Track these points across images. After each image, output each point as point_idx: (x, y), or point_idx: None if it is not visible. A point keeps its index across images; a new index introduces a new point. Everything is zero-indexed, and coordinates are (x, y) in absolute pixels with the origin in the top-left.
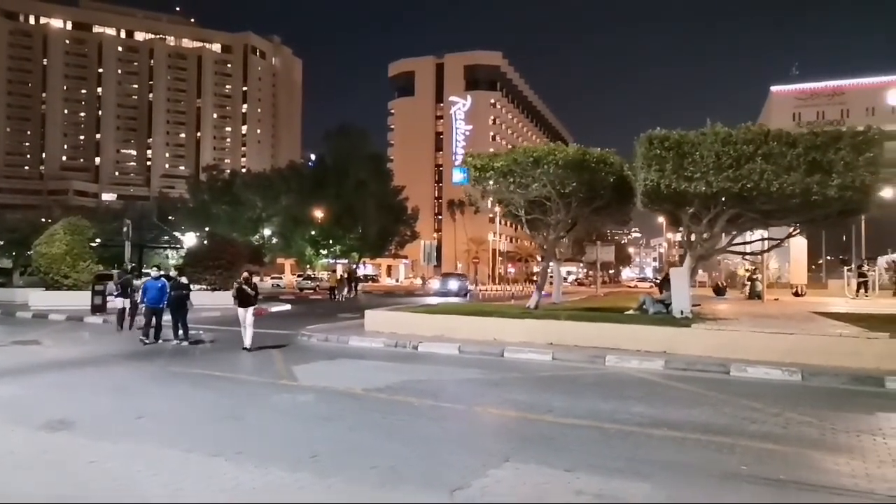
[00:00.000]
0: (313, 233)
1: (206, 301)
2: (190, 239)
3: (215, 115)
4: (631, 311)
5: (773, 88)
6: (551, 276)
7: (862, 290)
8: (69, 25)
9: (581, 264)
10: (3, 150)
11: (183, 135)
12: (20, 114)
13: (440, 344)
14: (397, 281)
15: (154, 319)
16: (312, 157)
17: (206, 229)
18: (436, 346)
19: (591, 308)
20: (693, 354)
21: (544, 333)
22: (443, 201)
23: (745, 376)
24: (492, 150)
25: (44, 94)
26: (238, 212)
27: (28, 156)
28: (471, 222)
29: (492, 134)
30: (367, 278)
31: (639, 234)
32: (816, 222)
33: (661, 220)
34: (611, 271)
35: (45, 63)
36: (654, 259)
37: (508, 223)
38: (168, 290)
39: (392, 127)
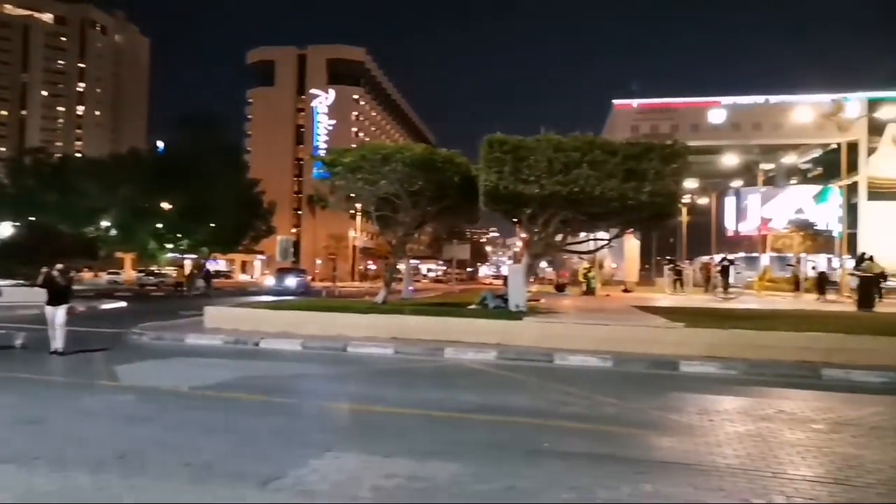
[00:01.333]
0: (159, 225)
1: (21, 298)
2: (5, 229)
3: (45, 93)
4: (473, 306)
5: (615, 102)
6: (404, 274)
7: (678, 287)
8: None
9: (440, 262)
10: None
11: (5, 112)
12: None
13: (283, 340)
14: (252, 277)
15: None
16: (161, 144)
17: (32, 219)
18: (278, 343)
19: (438, 303)
20: (524, 345)
21: (388, 328)
22: (303, 196)
23: (565, 364)
24: (354, 145)
25: None
26: (70, 201)
27: None
28: (332, 219)
29: (354, 130)
30: (218, 274)
31: (496, 234)
32: (634, 225)
33: (515, 221)
34: (469, 269)
35: None
36: (510, 257)
37: (370, 220)
38: None
39: (250, 117)
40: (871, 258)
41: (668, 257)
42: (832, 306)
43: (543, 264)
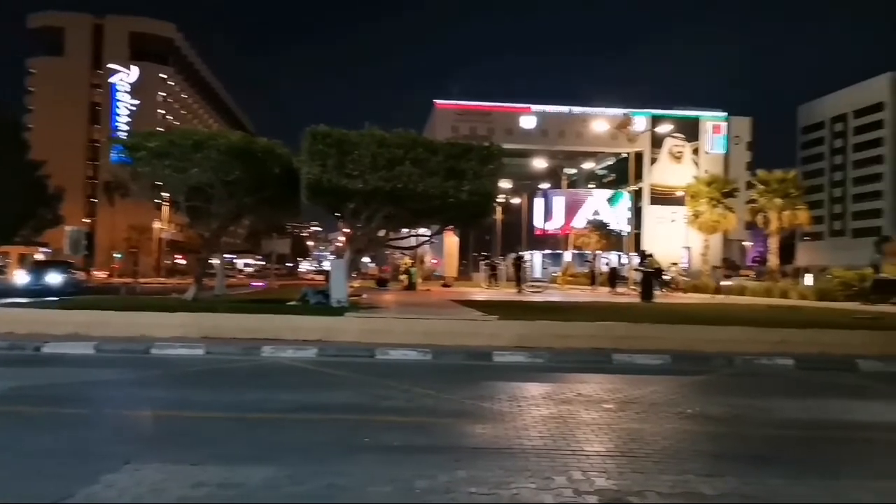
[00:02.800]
0: None
1: None
2: None
3: None
4: (293, 303)
5: (436, 102)
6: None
7: (493, 281)
8: None
9: (258, 257)
10: None
11: None
12: None
13: (73, 343)
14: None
15: None
16: None
17: None
18: (67, 346)
19: (256, 300)
20: (345, 341)
21: (200, 327)
22: (99, 182)
23: (387, 359)
24: (160, 129)
25: None
26: None
27: None
28: (133, 209)
29: (161, 112)
30: None
31: (319, 228)
32: (454, 222)
33: (338, 215)
34: (289, 264)
35: None
36: (332, 252)
37: (179, 211)
38: None
39: (32, 89)
40: (651, 255)
41: (483, 253)
42: (621, 298)
43: (366, 259)
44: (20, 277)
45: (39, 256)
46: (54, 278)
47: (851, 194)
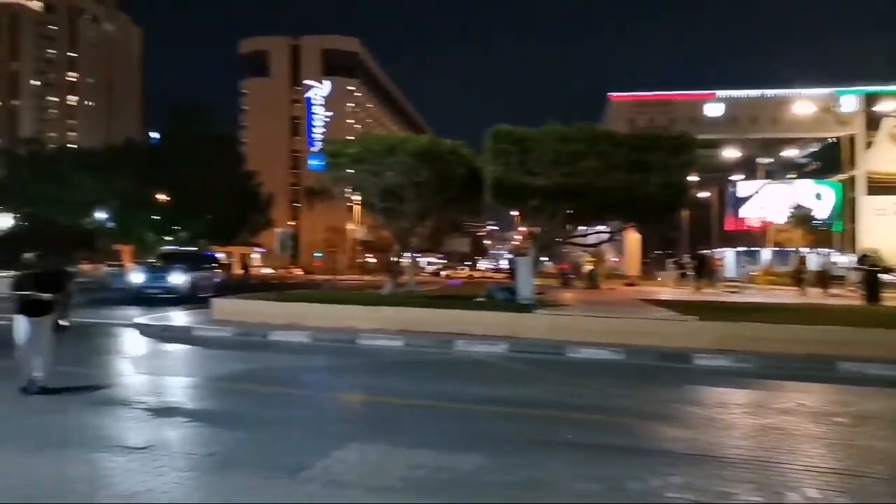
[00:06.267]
0: (155, 217)
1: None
2: (5, 220)
3: (36, 83)
4: (480, 299)
5: (611, 95)
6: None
7: (683, 280)
8: None
9: (440, 255)
10: None
11: None
12: None
13: (292, 332)
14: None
15: None
16: (155, 135)
17: (27, 210)
18: (287, 335)
19: (444, 296)
20: (534, 338)
21: (397, 320)
22: (300, 189)
23: (577, 357)
24: (350, 137)
25: None
26: (65, 192)
27: None
28: (330, 211)
29: (350, 121)
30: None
31: (496, 227)
32: (641, 217)
33: (515, 213)
34: (467, 262)
35: None
36: (509, 251)
37: (371, 213)
38: None
39: (245, 108)
40: (875, 252)
41: (689, 253)
42: (837, 300)
43: (542, 258)
44: (136, 277)
45: (168, 250)
46: (178, 278)
47: None
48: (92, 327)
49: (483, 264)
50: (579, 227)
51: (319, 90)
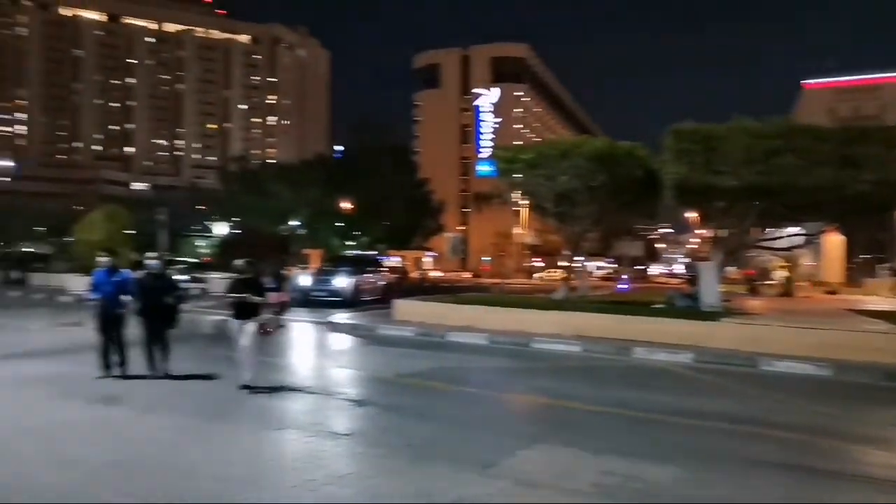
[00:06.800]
0: (340, 224)
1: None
2: (221, 228)
3: (244, 107)
4: (659, 305)
5: (806, 83)
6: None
7: None
8: (100, 16)
9: (610, 259)
10: (39, 140)
11: (214, 125)
12: (55, 105)
13: (468, 334)
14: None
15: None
16: (339, 148)
17: (236, 219)
18: (464, 336)
19: (618, 301)
20: (721, 348)
21: (571, 325)
22: (469, 195)
23: (773, 370)
24: (520, 143)
25: (77, 85)
26: (266, 202)
27: (62, 145)
28: (497, 216)
29: (518, 127)
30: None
31: (669, 230)
32: (848, 217)
33: (690, 216)
34: (638, 267)
35: (78, 54)
36: (684, 255)
37: (542, 217)
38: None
39: (418, 119)
40: None
41: (880, 256)
42: None
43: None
44: (304, 280)
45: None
46: (342, 282)
47: None
48: (288, 327)
49: (656, 268)
50: (767, 230)
51: (487, 97)
